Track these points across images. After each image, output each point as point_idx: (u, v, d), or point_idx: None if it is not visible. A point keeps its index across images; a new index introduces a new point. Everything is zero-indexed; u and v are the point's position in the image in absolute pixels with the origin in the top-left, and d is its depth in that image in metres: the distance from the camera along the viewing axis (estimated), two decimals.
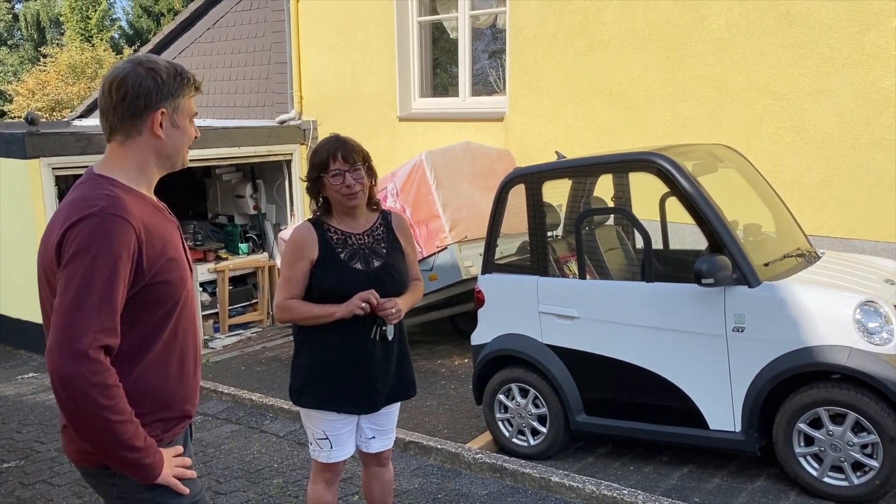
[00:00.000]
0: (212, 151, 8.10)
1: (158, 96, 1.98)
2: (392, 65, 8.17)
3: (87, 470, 2.07)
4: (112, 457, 1.90)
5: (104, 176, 1.98)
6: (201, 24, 10.35)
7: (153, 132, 2.00)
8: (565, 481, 4.06)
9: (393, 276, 2.93)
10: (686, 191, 4.01)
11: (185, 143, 2.09)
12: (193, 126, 2.10)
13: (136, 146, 2.01)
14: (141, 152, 2.02)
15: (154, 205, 2.07)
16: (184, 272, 2.05)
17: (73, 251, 1.83)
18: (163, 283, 1.96)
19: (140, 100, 1.96)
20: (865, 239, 5.31)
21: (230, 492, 4.40)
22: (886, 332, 3.65)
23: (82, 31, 26.51)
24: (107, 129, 2.02)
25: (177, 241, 2.08)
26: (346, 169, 2.85)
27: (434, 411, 5.56)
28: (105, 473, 2.01)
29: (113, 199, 1.90)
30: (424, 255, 6.25)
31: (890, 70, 5.13)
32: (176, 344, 2.05)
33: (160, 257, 1.95)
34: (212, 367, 7.30)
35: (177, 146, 2.06)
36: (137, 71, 1.97)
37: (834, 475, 3.76)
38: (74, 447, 2.03)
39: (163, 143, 2.02)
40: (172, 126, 2.02)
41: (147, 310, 1.95)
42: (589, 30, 6.55)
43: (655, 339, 4.10)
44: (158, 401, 2.02)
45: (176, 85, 2.01)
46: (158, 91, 1.98)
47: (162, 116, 1.99)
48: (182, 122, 2.05)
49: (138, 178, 2.03)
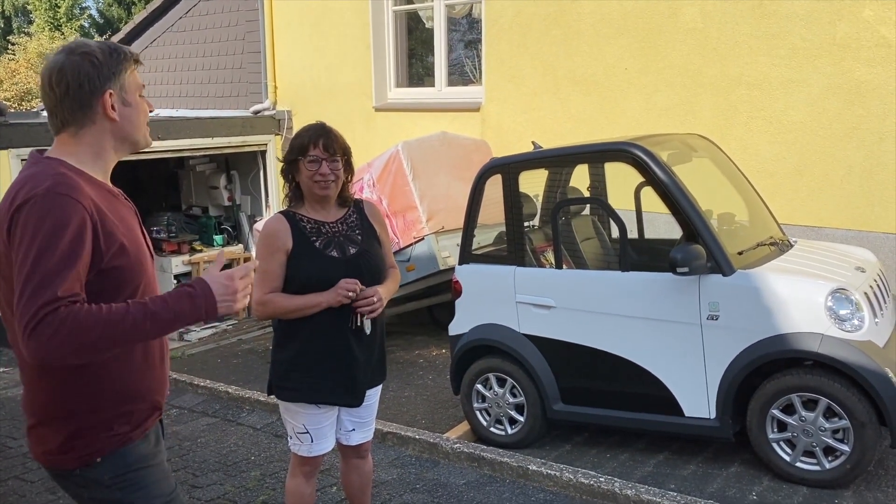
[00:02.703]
0: (185, 142, 8.00)
1: (101, 78, 1.92)
2: (367, 55, 8.11)
3: (55, 471, 2.02)
4: (173, 327, 1.84)
5: (52, 158, 1.92)
6: (173, 13, 10.21)
7: (106, 116, 1.94)
8: (543, 469, 4.09)
9: (370, 262, 2.92)
10: (661, 180, 4.04)
11: (142, 121, 2.01)
12: (145, 100, 2.03)
13: (91, 134, 1.94)
14: (96, 139, 1.95)
15: (108, 189, 2.00)
16: (142, 257, 1.99)
17: (20, 234, 1.77)
18: (120, 268, 1.89)
19: (84, 87, 1.90)
20: (837, 227, 5.38)
21: (207, 485, 4.37)
22: (857, 318, 3.71)
23: (51, 19, 26.04)
24: (57, 124, 1.94)
25: (134, 225, 2.02)
26: (325, 157, 2.83)
27: (412, 401, 5.56)
28: (74, 475, 1.97)
29: (60, 178, 1.83)
30: (401, 246, 6.24)
31: (861, 60, 5.20)
32: None
33: (116, 241, 1.88)
34: (187, 360, 7.24)
35: (133, 125, 2.00)
36: (72, 59, 1.90)
37: (806, 460, 3.82)
38: (42, 449, 1.98)
39: (118, 126, 1.96)
40: (123, 105, 1.96)
41: (106, 296, 1.87)
42: (564, 19, 6.56)
43: (631, 327, 4.13)
44: (124, 392, 1.98)
45: (114, 62, 1.94)
46: (99, 73, 1.91)
47: (111, 98, 1.93)
48: (132, 99, 1.98)
49: (93, 163, 1.96)
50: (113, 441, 1.97)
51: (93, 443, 1.96)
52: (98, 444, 1.96)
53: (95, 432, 1.96)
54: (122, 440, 1.99)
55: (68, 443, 1.95)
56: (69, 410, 1.94)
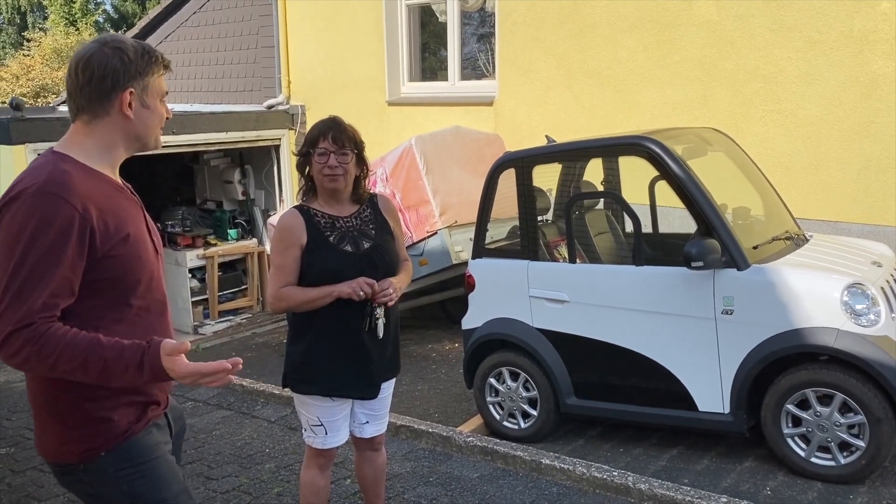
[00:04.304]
0: (200, 136, 8.03)
1: (126, 76, 1.93)
2: (381, 49, 8.11)
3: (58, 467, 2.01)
4: (110, 376, 1.83)
5: (58, 152, 1.93)
6: (187, 8, 10.23)
7: (122, 112, 1.95)
8: (556, 463, 4.09)
9: (384, 257, 2.93)
10: (675, 174, 4.02)
11: (156, 124, 2.03)
12: (164, 106, 2.05)
13: (103, 126, 1.96)
14: (108, 132, 1.96)
15: (113, 184, 1.99)
16: (143, 252, 1.99)
17: (5, 233, 1.79)
18: (117, 261, 1.89)
19: (107, 80, 1.91)
20: (853, 222, 5.34)
21: (222, 477, 4.41)
22: (873, 313, 3.68)
23: (66, 14, 26.20)
24: (73, 109, 1.96)
25: (138, 220, 2.02)
26: (333, 150, 2.83)
27: (425, 395, 5.57)
28: (77, 470, 1.96)
29: (54, 175, 1.84)
30: (414, 240, 6.24)
31: (878, 53, 5.15)
32: (139, 325, 1.97)
33: (115, 235, 1.89)
34: (202, 354, 7.29)
35: (146, 126, 2.01)
36: (104, 51, 1.92)
37: (821, 455, 3.80)
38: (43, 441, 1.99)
39: (131, 124, 1.97)
40: (142, 106, 1.97)
41: (104, 288, 1.89)
42: (578, 13, 6.53)
43: (645, 322, 4.13)
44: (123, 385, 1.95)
45: (143, 64, 1.95)
46: (126, 71, 1.93)
47: (130, 96, 1.94)
48: (152, 102, 1.99)
49: (100, 156, 1.97)
50: (114, 435, 1.96)
51: (93, 436, 1.95)
52: (99, 439, 1.95)
53: (94, 424, 1.94)
54: (123, 433, 1.97)
55: (67, 434, 1.95)
56: (63, 399, 1.93)
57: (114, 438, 1.96)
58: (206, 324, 8.29)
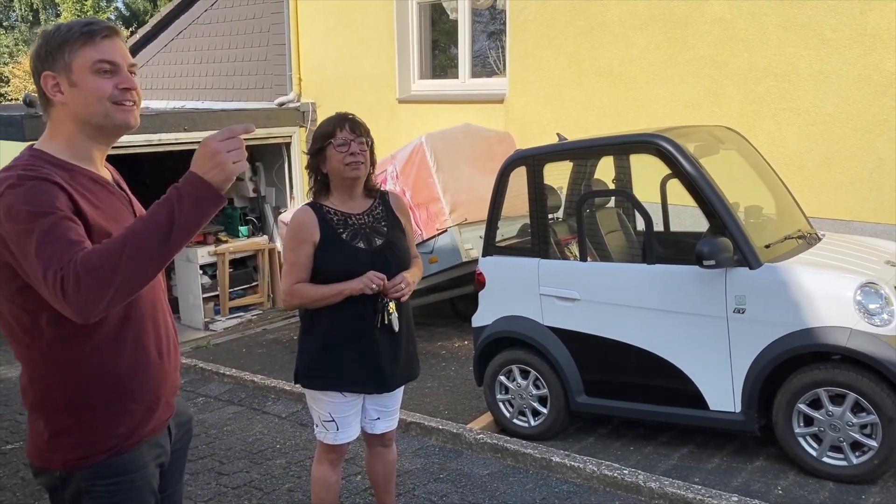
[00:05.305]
0: (210, 133, 8.06)
1: (40, 62, 1.82)
2: (391, 46, 8.12)
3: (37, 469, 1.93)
4: (172, 223, 1.68)
5: (33, 148, 1.86)
6: (199, 6, 10.27)
7: (56, 99, 1.83)
8: (566, 461, 4.09)
9: (396, 253, 2.94)
10: (687, 172, 4.01)
11: (94, 99, 1.82)
12: (104, 76, 1.82)
13: (54, 118, 1.86)
14: (59, 123, 1.85)
15: (91, 176, 1.87)
16: None
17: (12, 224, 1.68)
18: None
19: (35, 72, 1.84)
20: (866, 221, 5.31)
21: (233, 472, 4.43)
22: (887, 313, 3.66)
23: (78, 12, 26.31)
24: None
25: (122, 215, 1.90)
26: (353, 138, 2.85)
27: (435, 392, 5.58)
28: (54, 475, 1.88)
29: (28, 165, 1.76)
30: (425, 237, 6.25)
31: (891, 51, 5.11)
32: (131, 325, 1.88)
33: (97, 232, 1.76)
34: (213, 350, 7.33)
35: (84, 106, 1.82)
36: (35, 42, 1.85)
37: (833, 455, 3.79)
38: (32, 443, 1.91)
39: (69, 109, 1.83)
40: (70, 86, 1.81)
41: None
42: (589, 10, 6.51)
43: (656, 320, 4.12)
44: (111, 388, 1.86)
45: (57, 42, 1.81)
46: (38, 56, 1.83)
47: (53, 80, 1.81)
48: (80, 79, 1.80)
49: (66, 148, 1.85)
50: (100, 448, 1.87)
51: (79, 445, 1.86)
52: (84, 449, 1.86)
53: (81, 433, 1.86)
54: (111, 449, 1.88)
55: (54, 440, 1.87)
56: (51, 400, 1.86)
57: (99, 454, 1.87)
58: (217, 320, 8.33)
